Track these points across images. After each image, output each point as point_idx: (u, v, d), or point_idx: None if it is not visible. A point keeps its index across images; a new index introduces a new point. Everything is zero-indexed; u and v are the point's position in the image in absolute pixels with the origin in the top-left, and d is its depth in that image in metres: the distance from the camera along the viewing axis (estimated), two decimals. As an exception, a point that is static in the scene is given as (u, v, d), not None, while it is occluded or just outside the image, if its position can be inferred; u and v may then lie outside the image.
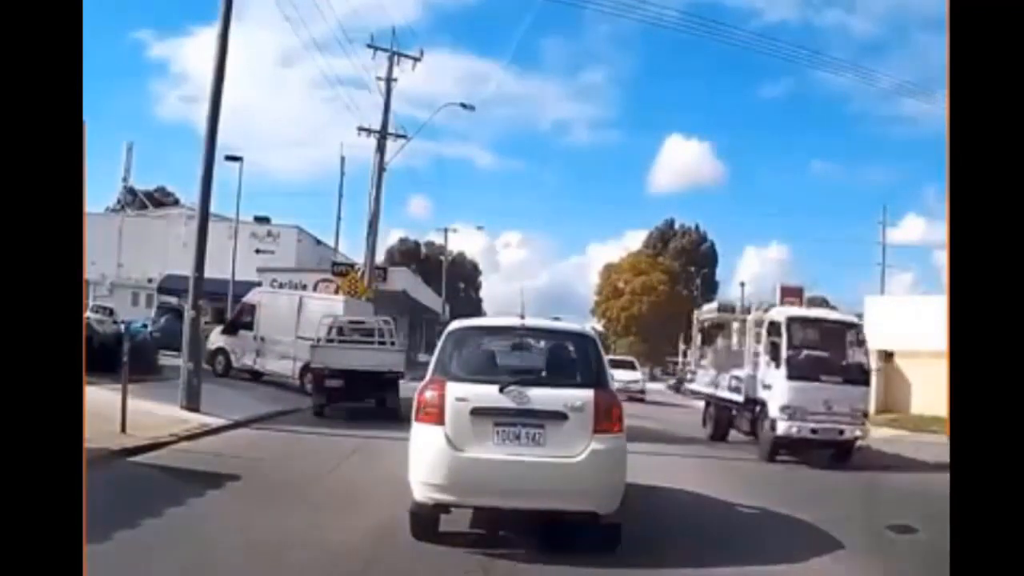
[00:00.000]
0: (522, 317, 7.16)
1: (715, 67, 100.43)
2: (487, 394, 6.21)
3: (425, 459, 6.20)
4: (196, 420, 12.90)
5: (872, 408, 24.98)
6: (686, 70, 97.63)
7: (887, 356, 26.79)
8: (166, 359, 19.28)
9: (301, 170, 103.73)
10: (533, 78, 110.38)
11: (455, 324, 7.12)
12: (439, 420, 6.18)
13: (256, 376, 21.49)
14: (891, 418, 23.45)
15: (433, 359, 6.72)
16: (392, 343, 17.07)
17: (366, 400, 16.27)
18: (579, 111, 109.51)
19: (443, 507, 6.31)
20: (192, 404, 13.79)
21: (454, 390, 6.24)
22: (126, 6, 72.20)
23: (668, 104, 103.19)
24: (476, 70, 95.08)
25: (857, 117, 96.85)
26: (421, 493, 6.21)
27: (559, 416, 6.19)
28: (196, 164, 14.32)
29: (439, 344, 6.83)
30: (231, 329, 22.65)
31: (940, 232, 60.20)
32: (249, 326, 22.13)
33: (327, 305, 21.08)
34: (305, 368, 18.64)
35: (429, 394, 6.28)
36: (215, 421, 13.10)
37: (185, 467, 9.31)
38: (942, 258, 56.88)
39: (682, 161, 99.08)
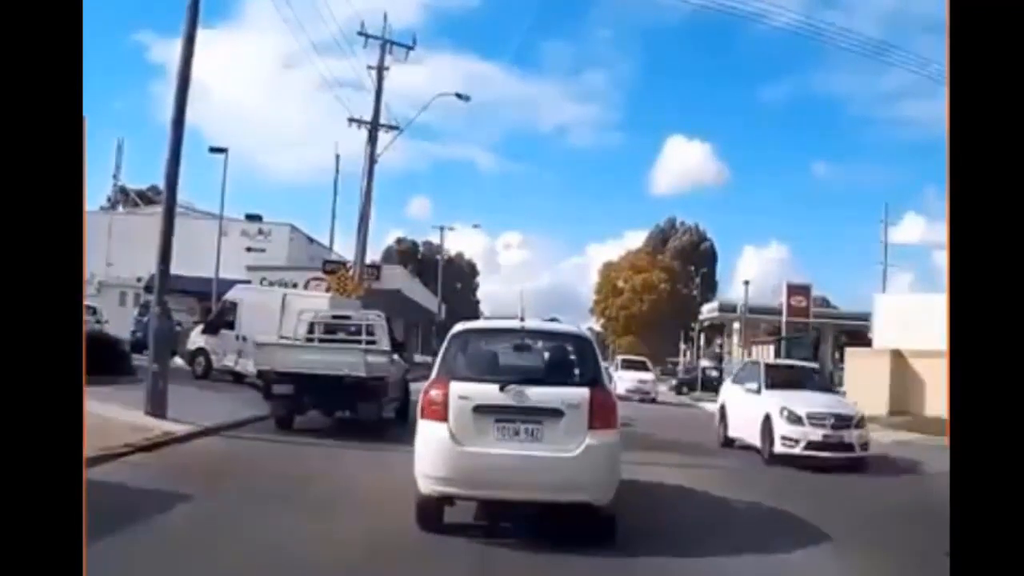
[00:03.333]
0: (522, 319, 7.48)
1: (717, 69, 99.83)
2: (488, 392, 6.57)
3: (430, 453, 6.58)
4: (159, 427, 11.70)
5: (885, 410, 24.01)
6: (688, 72, 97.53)
7: (898, 355, 25.55)
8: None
9: (300, 171, 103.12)
10: (534, 80, 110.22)
11: (458, 327, 7.50)
12: (443, 417, 6.54)
13: (238, 378, 20.19)
14: (902, 420, 22.09)
15: (438, 360, 7.09)
16: (388, 342, 14.78)
17: (336, 411, 13.70)
18: (580, 113, 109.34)
19: (447, 499, 6.69)
20: (157, 409, 12.54)
21: (457, 389, 6.60)
22: (126, 7, 71.10)
23: (670, 106, 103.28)
24: (477, 72, 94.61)
25: (857, 118, 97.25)
26: (426, 486, 6.60)
27: (556, 413, 6.55)
28: (193, 163, 13.03)
29: (443, 345, 7.21)
30: (211, 328, 21.37)
31: (940, 232, 59.50)
32: (230, 325, 20.79)
33: (312, 303, 19.69)
34: None
35: (434, 392, 6.66)
36: (180, 428, 11.93)
37: (133, 484, 8.11)
38: (941, 258, 56.34)
39: (683, 162, 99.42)
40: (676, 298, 69.53)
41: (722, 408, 15.79)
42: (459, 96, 27.89)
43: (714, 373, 39.26)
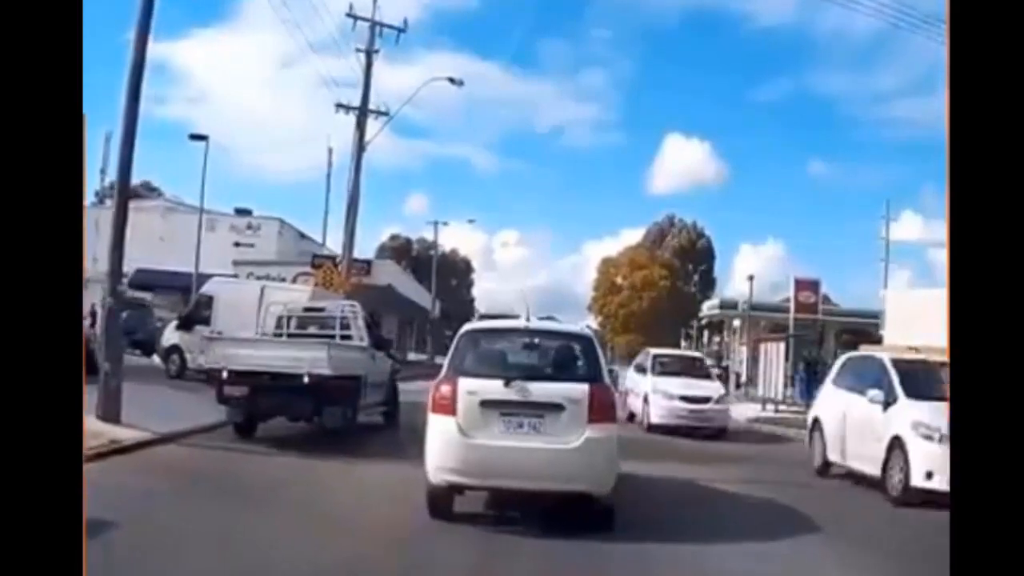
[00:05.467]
0: (527, 319, 8.02)
1: (715, 67, 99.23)
2: (494, 388, 7.02)
3: (439, 445, 7.02)
4: (109, 434, 10.44)
5: None
6: (686, 71, 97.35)
7: (915, 353, 24.07)
8: (126, 358, 16.64)
9: (299, 169, 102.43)
10: (532, 79, 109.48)
11: (466, 326, 8.17)
12: (452, 411, 6.98)
13: (213, 377, 18.65)
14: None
15: (447, 357, 7.64)
16: (361, 337, 12.88)
17: (299, 418, 11.86)
18: (578, 112, 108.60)
19: (456, 488, 7.14)
20: (110, 414, 11.16)
21: (465, 384, 7.05)
22: (124, 7, 69.59)
23: (668, 105, 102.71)
24: (475, 71, 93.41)
25: (853, 117, 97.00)
26: (436, 476, 7.03)
27: (557, 407, 6.98)
28: (185, 158, 11.84)
29: (452, 343, 7.75)
30: (186, 325, 19.86)
31: (936, 230, 59.16)
32: (207, 321, 19.22)
33: (292, 297, 18.18)
34: None
35: (444, 388, 7.12)
36: (133, 435, 10.65)
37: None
38: (937, 255, 56.10)
39: (681, 161, 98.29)
40: (676, 295, 68.01)
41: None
42: (452, 80, 26.48)
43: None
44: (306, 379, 10.90)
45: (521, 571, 6.25)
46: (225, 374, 11.19)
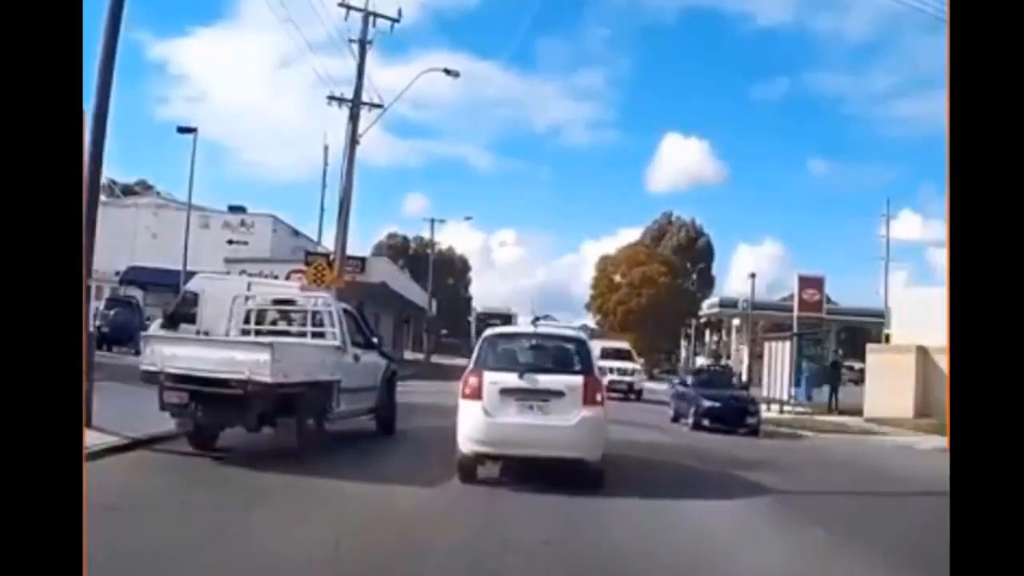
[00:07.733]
0: (535, 325, 10.67)
1: (714, 66, 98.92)
2: (510, 379, 9.13)
3: (469, 423, 9.06)
4: None
5: (911, 411, 22.35)
6: (685, 70, 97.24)
7: (924, 352, 23.50)
8: (113, 357, 16.15)
9: (300, 170, 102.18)
10: (531, 78, 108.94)
11: (488, 332, 10.33)
12: (478, 397, 9.04)
13: (198, 378, 17.81)
14: (932, 423, 20.03)
15: (473, 356, 9.73)
16: (335, 335, 11.42)
17: (249, 429, 10.16)
18: (576, 111, 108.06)
19: (481, 457, 9.24)
20: (79, 416, 10.06)
21: (489, 377, 9.14)
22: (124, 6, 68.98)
23: (666, 103, 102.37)
24: (474, 70, 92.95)
25: (852, 116, 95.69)
26: (466, 447, 9.08)
27: (559, 394, 9.06)
28: (187, 159, 11.11)
29: (477, 345, 9.99)
30: (171, 323, 18.94)
31: (934, 229, 58.81)
32: (192, 319, 18.39)
33: (279, 292, 17.32)
34: None
35: (472, 380, 9.19)
36: (101, 441, 9.92)
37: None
38: (936, 255, 55.66)
39: (679, 159, 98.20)
40: (675, 293, 67.11)
41: None
42: (447, 72, 25.68)
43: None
44: (249, 386, 9.27)
45: (533, 519, 7.67)
46: (164, 377, 9.76)
